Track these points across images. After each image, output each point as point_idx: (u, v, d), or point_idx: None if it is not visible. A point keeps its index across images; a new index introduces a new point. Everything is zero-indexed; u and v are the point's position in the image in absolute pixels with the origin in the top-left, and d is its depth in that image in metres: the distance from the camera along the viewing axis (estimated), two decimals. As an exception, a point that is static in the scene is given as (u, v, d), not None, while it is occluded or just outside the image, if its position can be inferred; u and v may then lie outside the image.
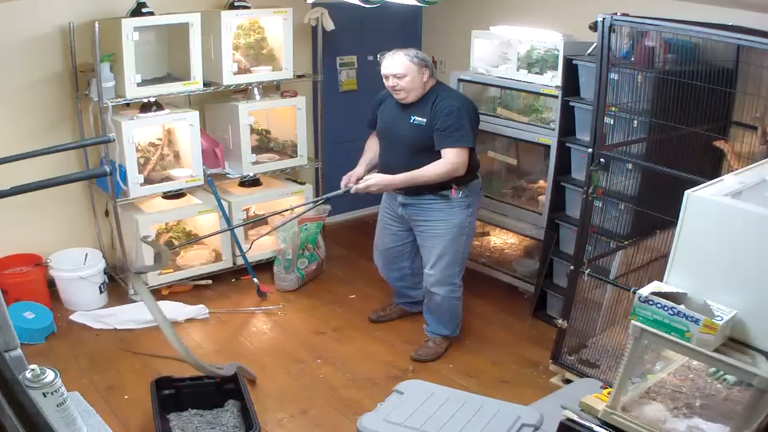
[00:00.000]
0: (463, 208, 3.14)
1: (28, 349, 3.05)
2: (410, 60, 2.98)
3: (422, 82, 3.02)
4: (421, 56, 3.02)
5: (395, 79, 3.00)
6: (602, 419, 1.63)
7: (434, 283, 3.22)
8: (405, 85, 3.00)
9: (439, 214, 3.13)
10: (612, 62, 2.66)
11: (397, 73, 2.99)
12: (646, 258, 2.88)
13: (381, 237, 3.49)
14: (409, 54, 2.99)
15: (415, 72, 2.98)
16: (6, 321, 1.66)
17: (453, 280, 3.24)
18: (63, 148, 2.79)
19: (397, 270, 3.54)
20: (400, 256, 3.47)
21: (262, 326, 3.68)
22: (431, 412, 2.25)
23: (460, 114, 2.96)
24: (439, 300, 3.27)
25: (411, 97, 3.04)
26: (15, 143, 2.90)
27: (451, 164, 2.97)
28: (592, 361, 3.00)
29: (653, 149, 2.88)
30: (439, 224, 3.15)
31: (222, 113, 4.09)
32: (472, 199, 3.17)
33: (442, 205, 3.12)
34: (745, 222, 1.47)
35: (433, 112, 3.00)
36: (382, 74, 3.07)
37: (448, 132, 2.96)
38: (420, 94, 3.04)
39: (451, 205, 3.12)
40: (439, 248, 3.17)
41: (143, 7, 3.55)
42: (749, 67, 2.78)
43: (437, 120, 2.98)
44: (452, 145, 2.96)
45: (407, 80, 2.99)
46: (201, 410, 2.80)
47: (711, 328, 1.44)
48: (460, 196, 3.11)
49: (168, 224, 3.98)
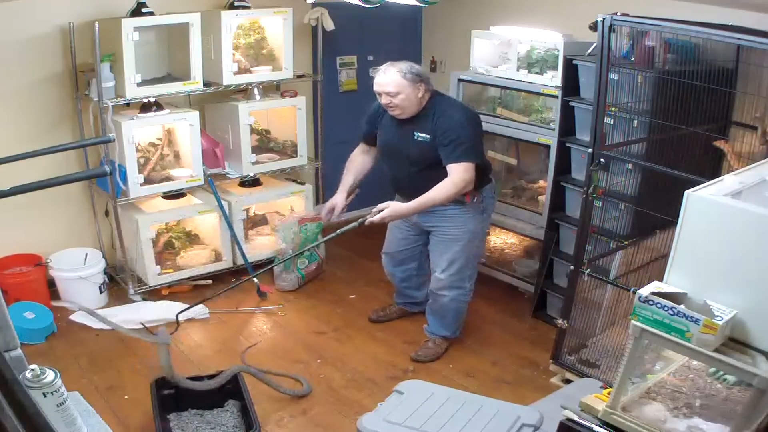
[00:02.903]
0: (478, 214, 3.11)
1: (28, 349, 3.05)
2: (403, 76, 2.87)
3: (417, 98, 2.92)
4: (415, 71, 2.90)
5: (388, 97, 2.91)
6: (602, 419, 1.63)
7: (443, 286, 3.19)
8: (399, 102, 2.91)
9: (455, 220, 3.09)
10: (612, 62, 2.66)
11: (390, 91, 2.89)
12: (646, 258, 2.88)
13: (391, 240, 3.46)
14: (402, 69, 2.88)
15: (409, 88, 2.88)
16: (6, 321, 1.66)
17: (463, 284, 3.22)
18: (63, 148, 2.79)
19: (404, 270, 3.53)
20: (409, 258, 3.46)
21: (262, 326, 3.68)
22: (431, 412, 2.24)
23: (462, 127, 2.89)
24: (446, 302, 3.24)
25: (407, 113, 2.96)
26: (15, 143, 2.90)
27: (458, 182, 2.87)
28: (592, 361, 3.00)
29: (653, 149, 2.88)
30: (453, 230, 3.11)
31: (222, 113, 4.09)
32: (486, 203, 3.14)
33: (457, 211, 3.07)
34: (745, 222, 1.47)
35: (434, 126, 2.92)
36: (374, 91, 2.97)
37: (451, 147, 2.88)
38: (416, 109, 2.95)
39: (466, 211, 3.08)
40: (451, 253, 3.14)
41: (143, 7, 3.55)
42: (749, 67, 2.78)
43: (439, 135, 2.90)
44: (456, 160, 2.87)
45: (401, 97, 2.89)
46: (201, 410, 2.80)
47: (711, 328, 1.44)
48: (475, 202, 3.07)
49: (168, 224, 3.98)
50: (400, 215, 3.02)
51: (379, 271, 3.70)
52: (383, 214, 2.95)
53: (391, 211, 2.95)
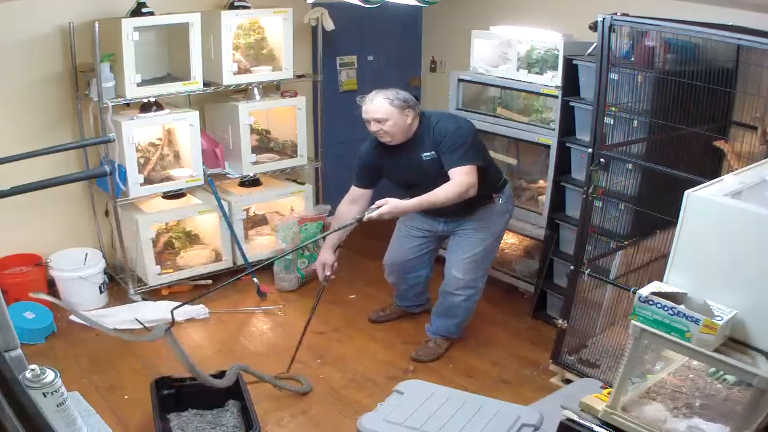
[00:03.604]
0: (503, 214, 3.19)
1: (28, 349, 3.05)
2: (390, 103, 2.88)
3: (406, 124, 2.93)
4: (402, 96, 2.92)
5: (378, 124, 2.92)
6: (602, 419, 1.63)
7: (460, 286, 3.19)
8: (388, 129, 2.92)
9: (482, 222, 3.13)
10: (612, 62, 2.66)
11: (378, 118, 2.91)
12: (646, 258, 2.89)
13: (398, 250, 3.42)
14: (389, 97, 2.90)
15: (397, 115, 2.90)
16: (6, 321, 1.66)
17: (477, 283, 3.24)
18: (63, 148, 2.79)
19: (413, 278, 3.51)
20: (419, 265, 3.44)
21: (262, 326, 3.68)
22: (431, 412, 2.25)
23: (456, 133, 2.93)
24: (459, 302, 3.24)
25: (396, 140, 2.97)
26: (15, 143, 2.89)
27: (459, 184, 2.87)
28: (592, 361, 3.00)
29: (653, 149, 2.89)
30: (480, 231, 3.15)
31: (222, 113, 4.09)
32: (508, 204, 3.22)
33: (485, 212, 3.13)
34: (745, 222, 1.47)
35: (434, 140, 2.95)
36: (363, 118, 2.98)
37: (449, 152, 2.91)
38: (407, 135, 2.97)
39: (494, 212, 3.14)
40: (473, 253, 3.15)
41: (143, 7, 3.55)
42: (749, 67, 2.79)
43: (439, 144, 2.94)
44: (456, 164, 2.90)
45: (390, 124, 2.91)
46: (201, 410, 2.80)
47: (711, 328, 1.44)
48: (501, 202, 3.14)
49: (168, 224, 3.98)
50: (399, 212, 3.00)
51: (379, 271, 3.69)
52: (382, 210, 2.90)
53: (390, 207, 2.91)
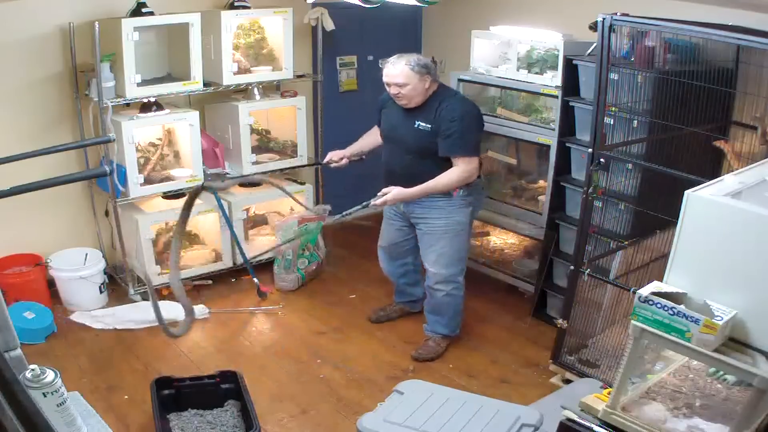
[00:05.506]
0: (464, 207, 3.17)
1: (28, 349, 3.04)
2: (411, 68, 2.99)
3: (424, 88, 3.04)
4: (423, 63, 3.02)
5: (397, 87, 3.03)
6: (602, 419, 1.63)
7: (437, 280, 3.24)
8: (406, 92, 3.03)
9: (440, 212, 3.16)
10: (612, 62, 2.66)
11: (398, 82, 3.01)
12: (646, 258, 2.88)
13: (386, 232, 3.51)
14: (410, 62, 3.00)
15: (416, 80, 3.00)
16: (6, 321, 1.65)
17: (456, 278, 3.26)
18: (63, 148, 2.80)
19: (400, 266, 3.57)
20: (405, 251, 3.49)
21: (262, 326, 3.68)
22: (431, 412, 2.24)
23: (465, 121, 3.00)
24: (441, 297, 3.28)
25: (413, 103, 3.07)
26: (15, 143, 2.90)
27: (464, 173, 3.02)
28: (592, 361, 3.00)
29: (653, 149, 2.89)
30: (438, 222, 3.17)
31: (222, 113, 4.09)
32: (473, 197, 3.20)
33: (443, 203, 3.14)
34: (745, 222, 1.47)
35: (437, 117, 3.02)
36: (383, 81, 3.09)
37: (456, 140, 2.99)
38: (422, 99, 3.07)
39: (452, 204, 3.14)
40: (438, 246, 3.19)
41: (143, 7, 3.55)
42: (749, 67, 2.78)
43: (442, 126, 3.00)
44: (463, 154, 3.01)
45: (409, 88, 3.01)
46: (201, 410, 2.80)
47: (711, 328, 1.44)
48: (462, 195, 3.14)
49: (168, 224, 3.97)
50: (404, 198, 3.14)
51: (379, 271, 3.69)
52: (387, 197, 3.10)
53: (395, 194, 3.10)
